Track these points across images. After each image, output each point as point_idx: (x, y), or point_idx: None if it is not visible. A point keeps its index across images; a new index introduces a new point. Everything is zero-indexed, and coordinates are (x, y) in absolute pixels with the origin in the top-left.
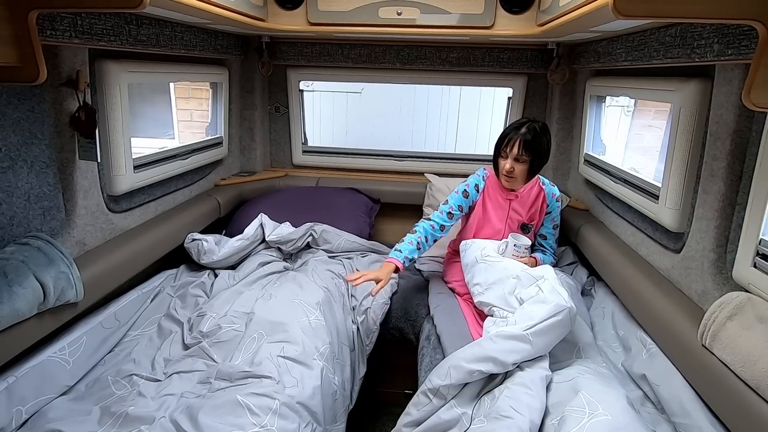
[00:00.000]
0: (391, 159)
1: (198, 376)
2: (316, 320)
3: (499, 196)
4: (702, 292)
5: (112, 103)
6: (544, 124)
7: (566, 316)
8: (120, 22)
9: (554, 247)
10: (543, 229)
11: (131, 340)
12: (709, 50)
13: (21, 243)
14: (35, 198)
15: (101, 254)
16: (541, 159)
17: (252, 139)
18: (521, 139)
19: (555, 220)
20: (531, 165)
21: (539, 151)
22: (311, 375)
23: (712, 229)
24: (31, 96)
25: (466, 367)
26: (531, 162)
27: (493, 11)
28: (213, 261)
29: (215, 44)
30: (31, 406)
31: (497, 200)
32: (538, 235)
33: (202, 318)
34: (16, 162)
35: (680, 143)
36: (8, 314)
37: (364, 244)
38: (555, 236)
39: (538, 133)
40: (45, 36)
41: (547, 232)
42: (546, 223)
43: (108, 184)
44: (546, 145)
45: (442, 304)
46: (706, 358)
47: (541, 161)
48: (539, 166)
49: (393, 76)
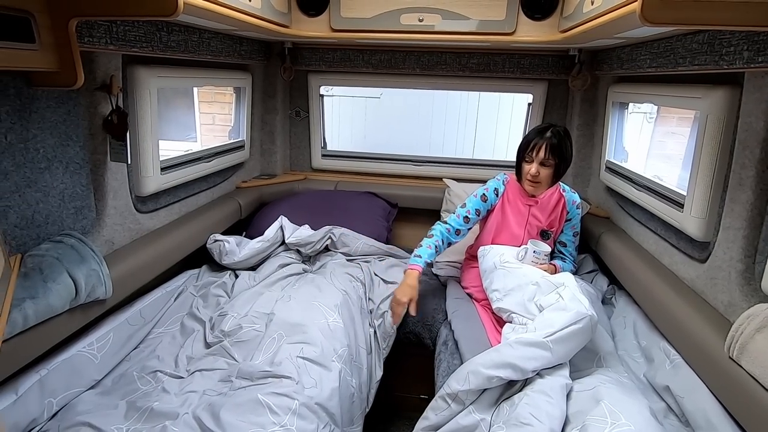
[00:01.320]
0: (409, 164)
1: (219, 375)
2: (334, 322)
3: (519, 202)
4: (729, 303)
5: (143, 107)
6: (565, 129)
7: (587, 324)
8: (152, 29)
9: (574, 255)
10: (563, 236)
11: (155, 337)
12: (739, 57)
13: (55, 240)
14: (69, 198)
15: (128, 253)
16: (567, 163)
17: (273, 143)
18: (548, 143)
19: (575, 227)
20: (556, 169)
21: (564, 155)
22: (330, 377)
23: (740, 238)
24: (68, 100)
25: (484, 373)
26: (556, 166)
27: (514, 17)
28: (234, 262)
29: (240, 50)
30: (62, 398)
31: (517, 206)
32: (558, 242)
33: (224, 317)
34: (52, 163)
35: (707, 151)
36: (43, 309)
37: (381, 248)
38: (575, 243)
39: (563, 137)
40: (83, 42)
41: (567, 239)
42: (566, 230)
43: (136, 185)
44: (570, 149)
45: (460, 309)
46: (734, 371)
47: (566, 165)
48: (563, 171)
49: (413, 81)
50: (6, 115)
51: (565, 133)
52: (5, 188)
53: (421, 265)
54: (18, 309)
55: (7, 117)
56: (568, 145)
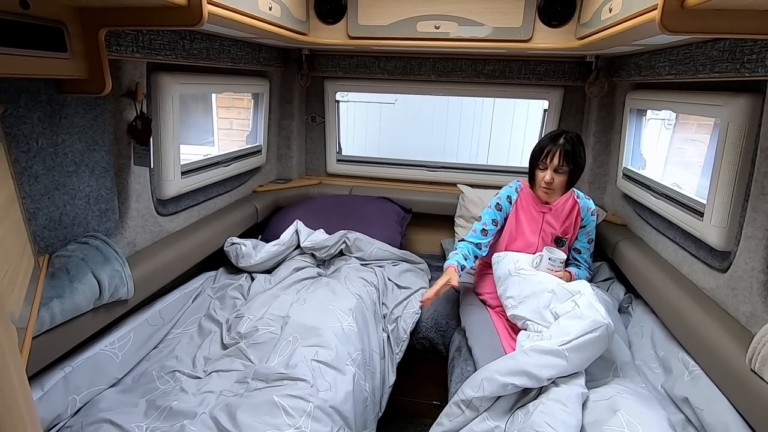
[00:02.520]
0: (423, 169)
1: (236, 376)
2: (348, 326)
3: (533, 209)
4: (750, 314)
5: (165, 113)
6: (578, 135)
7: (603, 333)
8: (176, 38)
9: (589, 262)
10: (577, 243)
11: (174, 337)
12: (761, 65)
13: (81, 242)
14: (94, 200)
15: (149, 255)
16: (580, 170)
17: (289, 148)
18: (561, 149)
19: (590, 234)
20: (570, 176)
21: (578, 162)
22: (344, 380)
23: (762, 248)
24: (95, 106)
25: (499, 380)
26: (570, 173)
27: (531, 25)
28: (250, 265)
29: (258, 57)
30: (85, 395)
31: (530, 212)
32: (573, 249)
33: (240, 319)
34: (80, 167)
35: (728, 159)
36: (69, 308)
37: (395, 253)
38: (590, 251)
39: (576, 144)
40: (111, 51)
41: (582, 246)
42: (581, 237)
43: (158, 188)
44: (583, 155)
45: (474, 315)
46: (755, 383)
47: (580, 172)
48: (577, 177)
49: (428, 88)
50: (38, 120)
51: (578, 139)
52: (35, 191)
53: (454, 263)
54: (46, 308)
55: (38, 122)
56: (581, 151)
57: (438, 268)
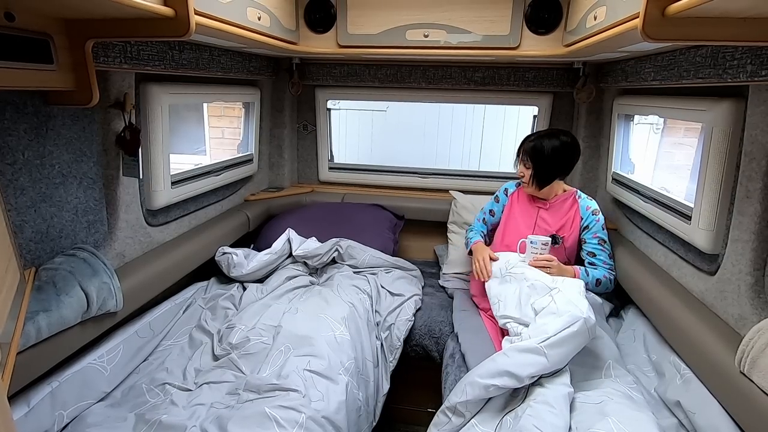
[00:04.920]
0: (415, 176)
1: (227, 387)
2: (341, 335)
3: (528, 204)
4: (739, 316)
5: (154, 123)
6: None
7: (582, 327)
8: (164, 48)
9: (609, 263)
10: (588, 245)
11: (164, 349)
12: (742, 71)
13: (68, 254)
14: (82, 212)
15: (139, 266)
16: (546, 166)
17: (281, 156)
18: (528, 146)
19: (598, 235)
20: (535, 171)
21: (541, 159)
22: (336, 390)
23: (749, 251)
24: (83, 117)
25: (481, 383)
26: (534, 168)
27: (519, 32)
28: (242, 274)
29: (249, 66)
30: (72, 410)
31: (526, 207)
32: (587, 253)
33: (232, 330)
34: (67, 178)
35: (713, 163)
36: (56, 321)
37: (388, 260)
38: (606, 251)
39: (540, 141)
40: (98, 62)
41: (594, 248)
42: (589, 240)
43: (147, 199)
44: (549, 152)
45: (467, 321)
46: (745, 385)
47: (547, 170)
48: (546, 175)
49: (419, 95)
50: (24, 132)
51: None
52: (21, 203)
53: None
54: (32, 321)
55: (24, 134)
56: (547, 148)
57: (431, 274)
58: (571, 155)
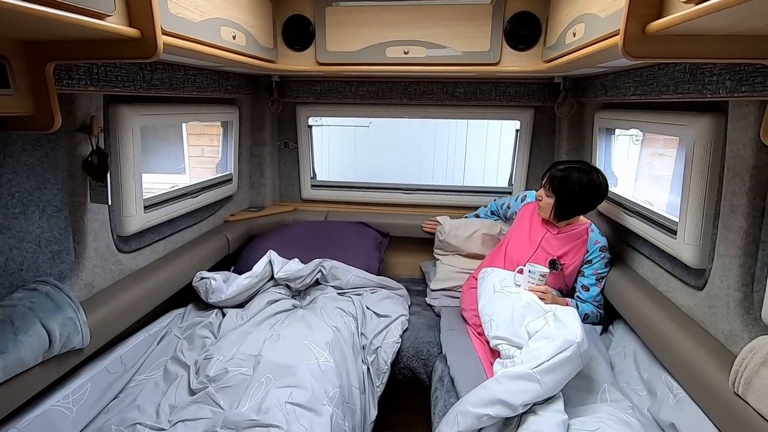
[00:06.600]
0: (399, 192)
1: (204, 425)
2: (325, 362)
3: (539, 224)
4: (729, 333)
5: (125, 147)
6: (583, 168)
7: (575, 352)
8: (134, 69)
9: (598, 300)
10: (584, 279)
11: (136, 385)
12: (722, 86)
13: (29, 288)
14: (46, 242)
15: (109, 296)
16: (569, 201)
17: (262, 175)
18: (550, 174)
19: (598, 272)
20: (557, 202)
21: (565, 191)
22: (321, 422)
23: (736, 266)
24: (46, 142)
25: (473, 412)
26: (557, 199)
27: (498, 48)
28: (221, 300)
29: (226, 85)
30: None
31: (536, 223)
32: (582, 286)
33: (209, 361)
34: (28, 207)
35: (696, 178)
36: (13, 364)
37: (373, 280)
38: (599, 288)
39: (570, 173)
40: (62, 85)
41: (589, 282)
42: (587, 274)
43: (118, 225)
44: (576, 187)
45: (455, 342)
46: (740, 408)
47: (569, 203)
48: (568, 208)
49: (401, 111)
50: None
51: (580, 170)
52: None
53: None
54: None
55: None
56: (573, 182)
57: (418, 292)
58: (598, 196)
